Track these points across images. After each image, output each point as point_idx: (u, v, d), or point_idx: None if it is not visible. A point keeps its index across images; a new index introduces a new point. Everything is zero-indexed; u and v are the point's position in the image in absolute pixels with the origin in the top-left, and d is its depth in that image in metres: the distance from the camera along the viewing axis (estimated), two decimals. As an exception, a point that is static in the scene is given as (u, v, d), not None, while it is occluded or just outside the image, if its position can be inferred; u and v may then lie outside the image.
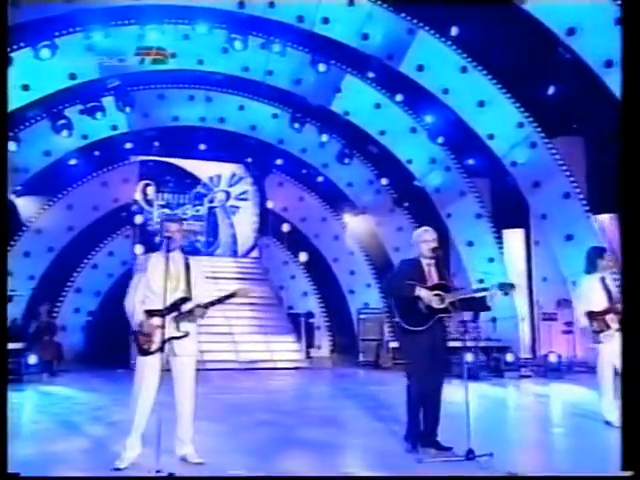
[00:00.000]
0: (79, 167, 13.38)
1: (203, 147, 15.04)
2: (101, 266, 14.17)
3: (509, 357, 10.25)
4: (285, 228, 15.45)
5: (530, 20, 10.18)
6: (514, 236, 13.70)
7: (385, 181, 14.67)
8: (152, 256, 4.54)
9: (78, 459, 4.66)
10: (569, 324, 11.33)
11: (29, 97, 11.37)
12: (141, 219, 14.64)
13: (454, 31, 11.27)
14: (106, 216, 14.15)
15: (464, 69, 11.86)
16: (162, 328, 4.25)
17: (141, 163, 14.81)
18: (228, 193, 16.78)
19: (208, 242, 16.45)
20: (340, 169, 14.97)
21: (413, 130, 13.48)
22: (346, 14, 11.41)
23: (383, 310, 13.60)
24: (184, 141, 14.69)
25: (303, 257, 15.13)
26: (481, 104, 12.20)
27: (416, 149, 13.81)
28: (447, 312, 4.60)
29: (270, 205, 15.88)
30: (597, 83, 9.99)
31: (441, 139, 13.22)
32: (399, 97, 12.95)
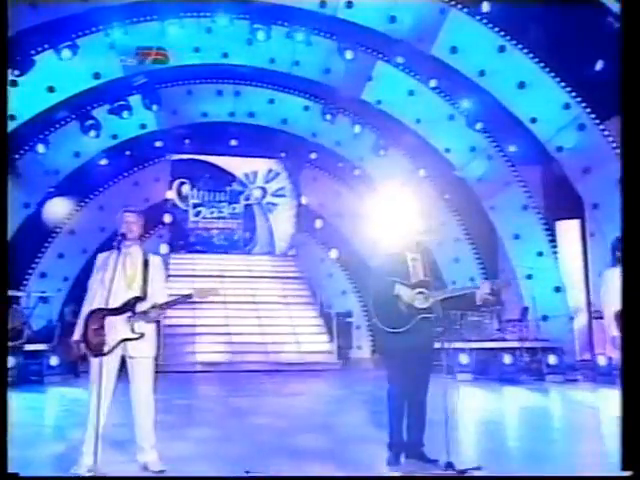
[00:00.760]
0: (110, 167, 13.65)
1: (234, 143, 15.03)
2: (135, 266, 14.38)
3: (551, 359, 9.59)
4: (318, 224, 15.25)
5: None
6: (568, 228, 12.93)
7: (423, 172, 14.18)
8: (108, 253, 4.34)
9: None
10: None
11: (55, 99, 11.66)
12: (170, 218, 14.81)
13: (487, 7, 10.67)
14: (138, 216, 14.34)
15: (502, 48, 11.24)
16: (115, 329, 4.10)
17: (173, 161, 14.98)
18: (264, 190, 16.75)
19: (245, 240, 16.49)
20: (376, 161, 14.60)
21: (450, 117, 12.96)
22: (370, -4, 11.09)
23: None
24: (215, 137, 14.73)
25: (334, 254, 14.88)
26: (522, 85, 11.53)
27: (454, 137, 13.25)
28: (431, 312, 4.27)
29: (305, 201, 15.69)
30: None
31: (480, 125, 12.62)
32: (433, 82, 12.45)
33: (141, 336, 4.17)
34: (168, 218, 14.79)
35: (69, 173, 12.98)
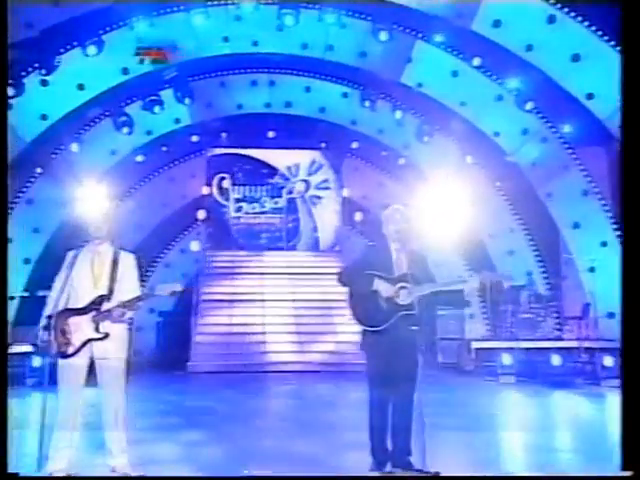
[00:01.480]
0: (145, 164, 13.79)
1: (272, 135, 14.86)
2: (173, 265, 14.53)
3: (607, 361, 8.82)
4: (358, 217, 14.87)
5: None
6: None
7: (471, 159, 13.50)
8: (77, 251, 4.37)
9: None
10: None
11: (85, 96, 11.84)
12: (207, 215, 14.81)
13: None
14: (175, 213, 14.47)
15: (551, 18, 10.42)
16: (80, 329, 4.12)
17: (209, 156, 14.97)
18: (308, 182, 16.48)
19: (288, 236, 16.28)
20: (421, 148, 14.04)
21: (498, 97, 12.24)
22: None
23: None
24: (252, 130, 14.59)
25: None
26: (576, 58, 10.70)
27: (504, 119, 12.52)
28: (413, 309, 4.06)
29: (347, 193, 15.33)
30: None
31: (531, 105, 11.82)
32: (477, 61, 11.73)
33: (106, 336, 4.16)
34: (204, 214, 14.79)
35: (104, 171, 13.18)
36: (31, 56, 10.64)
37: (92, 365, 4.26)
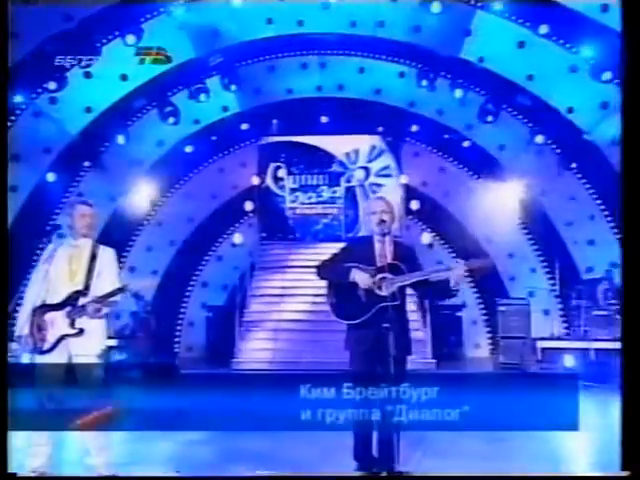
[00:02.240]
0: (194, 154, 13.73)
1: (325, 120, 14.38)
2: (226, 258, 14.46)
3: None
4: (414, 205, 14.23)
5: None
6: None
7: (542, 138, 12.52)
8: (55, 245, 4.46)
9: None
10: None
11: (129, 87, 11.92)
12: (257, 205, 14.61)
13: None
14: (226, 204, 14.37)
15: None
16: (56, 325, 4.24)
17: (260, 145, 14.73)
18: (368, 170, 15.91)
19: (347, 226, 15.84)
20: (485, 129, 13.18)
21: (571, 69, 11.25)
22: None
23: (528, 301, 11.71)
24: (303, 115, 14.18)
25: (426, 239, 13.80)
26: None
27: (578, 93, 11.54)
28: (394, 300, 4.03)
29: (406, 180, 14.68)
30: None
31: (608, 75, 10.74)
32: (543, 29, 10.78)
33: (80, 332, 4.23)
34: (255, 205, 14.59)
35: (153, 163, 13.27)
36: (72, 48, 10.75)
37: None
